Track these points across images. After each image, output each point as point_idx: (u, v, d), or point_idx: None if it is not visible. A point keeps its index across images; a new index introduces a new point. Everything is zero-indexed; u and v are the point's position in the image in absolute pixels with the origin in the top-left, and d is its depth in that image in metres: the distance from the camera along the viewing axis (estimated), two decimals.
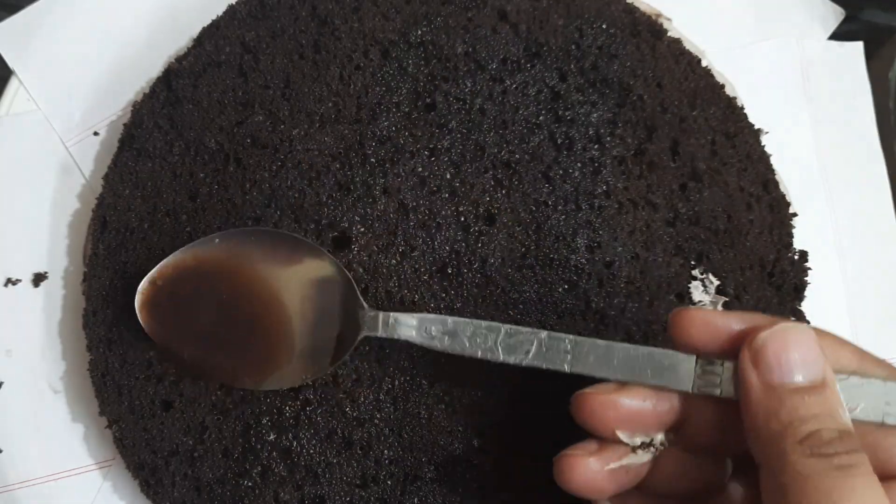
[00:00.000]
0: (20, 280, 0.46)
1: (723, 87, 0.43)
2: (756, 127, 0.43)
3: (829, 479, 0.25)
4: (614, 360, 0.31)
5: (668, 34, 0.43)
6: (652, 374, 0.30)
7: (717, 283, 0.40)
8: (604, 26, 0.42)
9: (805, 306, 0.42)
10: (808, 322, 0.41)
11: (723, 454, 0.32)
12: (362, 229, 0.40)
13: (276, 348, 0.38)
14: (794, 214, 0.42)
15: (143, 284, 0.38)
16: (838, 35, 0.49)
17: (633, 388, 0.31)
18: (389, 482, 0.39)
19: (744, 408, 0.28)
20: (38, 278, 0.46)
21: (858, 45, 0.49)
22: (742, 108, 0.43)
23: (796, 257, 0.42)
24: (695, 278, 0.40)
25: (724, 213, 0.41)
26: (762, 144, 0.43)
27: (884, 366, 0.29)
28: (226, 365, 0.38)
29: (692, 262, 0.40)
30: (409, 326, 0.35)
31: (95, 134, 0.47)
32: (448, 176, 0.40)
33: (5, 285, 0.46)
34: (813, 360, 0.28)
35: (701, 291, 0.40)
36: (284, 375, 0.38)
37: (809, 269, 0.42)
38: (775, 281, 0.41)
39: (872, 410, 0.28)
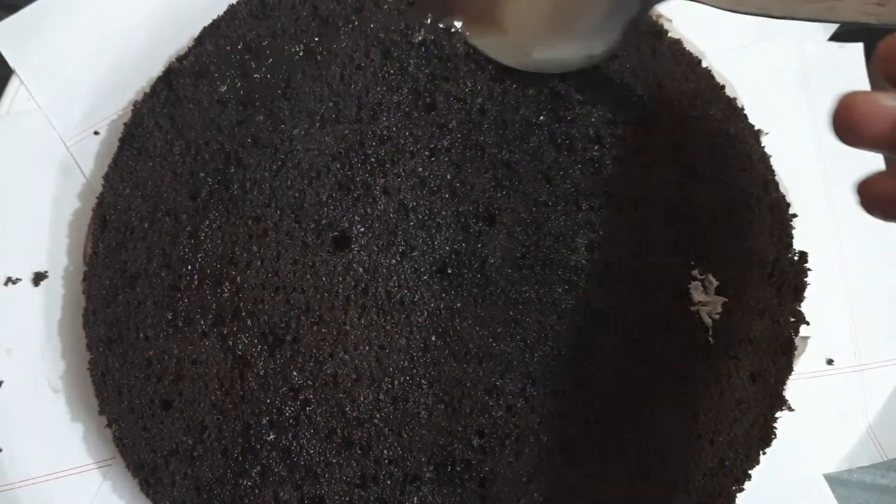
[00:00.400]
0: (20, 279, 0.46)
1: (723, 87, 0.43)
2: (756, 128, 0.43)
3: None
4: None
5: (669, 35, 0.43)
6: None
7: (716, 283, 0.40)
8: None
9: (805, 307, 0.42)
10: (808, 324, 0.42)
11: None
12: (362, 229, 0.40)
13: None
14: (794, 215, 0.42)
15: None
16: (838, 35, 0.49)
17: None
18: (389, 482, 0.39)
19: None
20: (39, 277, 0.46)
21: (858, 47, 0.49)
22: (742, 109, 0.43)
23: (796, 258, 0.42)
24: (694, 278, 0.40)
25: (724, 214, 0.41)
26: (762, 145, 0.43)
27: None
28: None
29: (692, 263, 0.40)
30: None
31: (96, 133, 0.47)
32: (448, 176, 0.40)
33: (5, 284, 0.46)
34: None
35: (700, 292, 0.40)
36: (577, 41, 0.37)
37: (809, 269, 0.42)
38: (775, 281, 0.41)
39: None
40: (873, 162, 0.48)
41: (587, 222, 0.40)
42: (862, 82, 0.49)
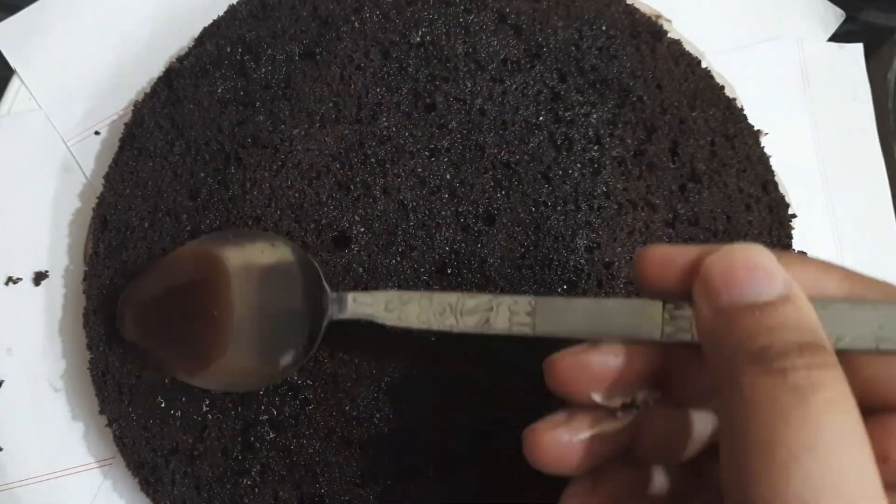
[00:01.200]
0: (21, 279, 0.46)
1: (722, 88, 0.43)
2: (756, 128, 0.43)
3: (780, 403, 0.20)
4: (579, 315, 0.29)
5: (668, 35, 0.44)
6: (619, 325, 0.28)
7: None
8: (603, 27, 0.42)
9: None
10: None
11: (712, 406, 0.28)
12: (362, 229, 0.40)
13: (243, 344, 0.37)
14: (794, 216, 0.43)
15: (126, 291, 0.40)
16: (838, 36, 0.49)
17: (603, 345, 0.28)
18: (388, 481, 0.39)
19: (700, 341, 0.25)
20: (39, 277, 0.46)
21: (858, 47, 0.49)
22: (742, 110, 0.43)
23: None
24: None
25: (724, 214, 0.41)
26: (762, 146, 0.43)
27: (881, 286, 0.25)
28: (191, 362, 0.38)
29: None
30: (368, 304, 0.35)
31: (97, 133, 0.47)
32: (448, 176, 0.40)
33: (6, 284, 0.46)
34: (766, 276, 0.23)
35: None
36: (261, 372, 0.37)
37: None
38: None
39: (863, 338, 0.24)
40: (873, 162, 0.48)
41: (586, 223, 0.40)
42: (862, 82, 0.49)
